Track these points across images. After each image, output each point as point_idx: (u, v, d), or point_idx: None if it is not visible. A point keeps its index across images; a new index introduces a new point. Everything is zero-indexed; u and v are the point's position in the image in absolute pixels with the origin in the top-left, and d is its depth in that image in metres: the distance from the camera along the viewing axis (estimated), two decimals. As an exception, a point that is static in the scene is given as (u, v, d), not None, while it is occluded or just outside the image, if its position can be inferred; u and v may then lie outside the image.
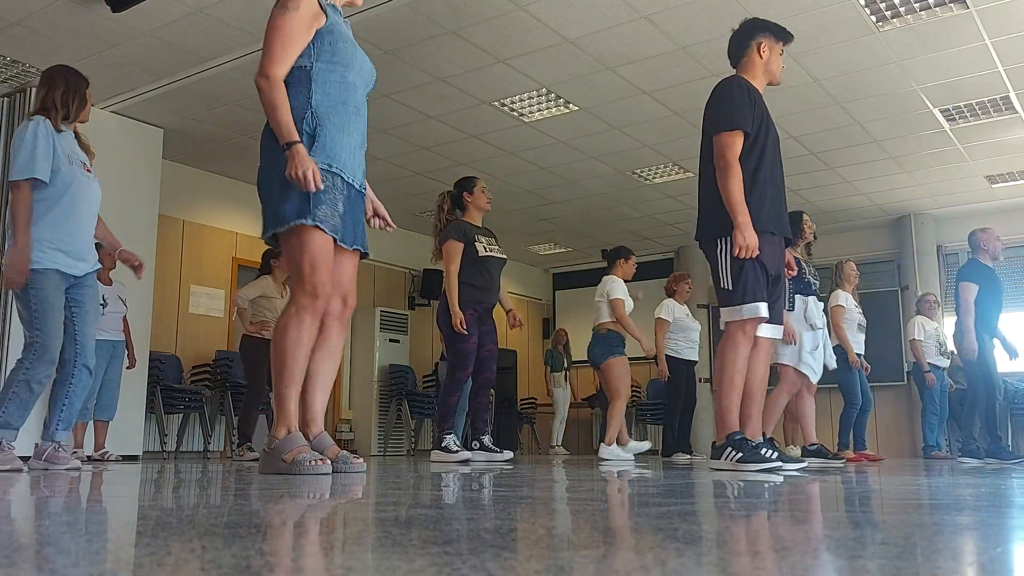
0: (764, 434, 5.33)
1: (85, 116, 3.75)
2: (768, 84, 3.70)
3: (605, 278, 6.37)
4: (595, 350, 6.22)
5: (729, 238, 3.42)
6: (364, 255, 3.00)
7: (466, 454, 5.11)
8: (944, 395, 7.72)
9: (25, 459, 3.56)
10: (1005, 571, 0.86)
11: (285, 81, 2.74)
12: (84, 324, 3.65)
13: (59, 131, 3.61)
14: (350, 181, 2.83)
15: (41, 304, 3.48)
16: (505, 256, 5.43)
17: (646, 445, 6.53)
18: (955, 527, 1.20)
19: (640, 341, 6.16)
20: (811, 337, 5.30)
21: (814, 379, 5.31)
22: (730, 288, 3.44)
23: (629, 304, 6.26)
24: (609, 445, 6.05)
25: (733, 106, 3.47)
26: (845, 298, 6.44)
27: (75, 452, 5.79)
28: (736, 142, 3.43)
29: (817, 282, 5.54)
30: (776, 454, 3.50)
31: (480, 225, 5.37)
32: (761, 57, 3.63)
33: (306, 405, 2.90)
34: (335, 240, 2.80)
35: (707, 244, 3.54)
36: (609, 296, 6.18)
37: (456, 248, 5.14)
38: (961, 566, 0.85)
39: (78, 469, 3.50)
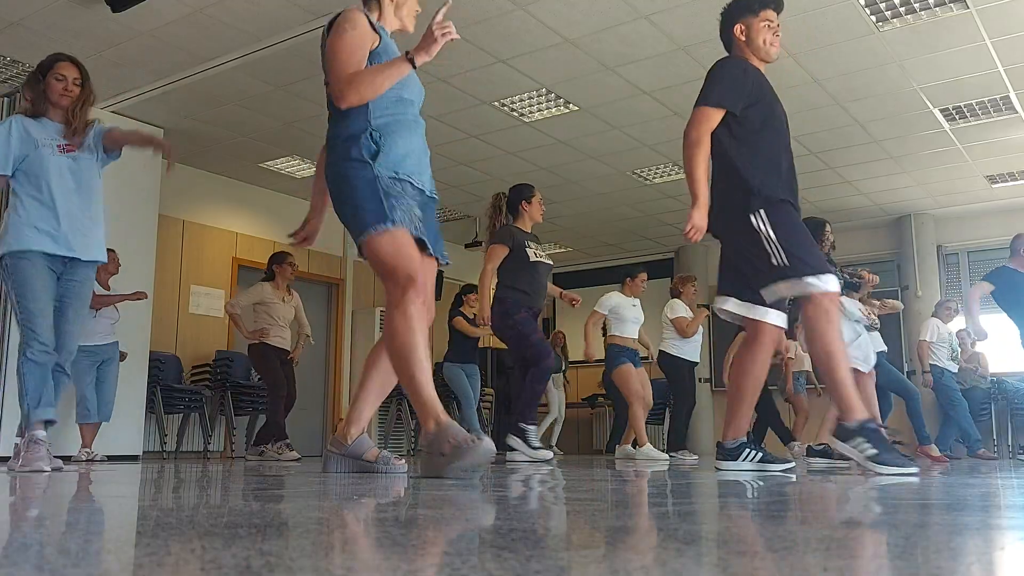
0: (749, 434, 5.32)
1: (55, 98, 3.64)
2: (764, 63, 3.50)
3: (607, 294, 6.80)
4: (606, 360, 6.64)
5: (763, 211, 3.18)
6: (443, 267, 2.94)
7: (547, 454, 5.15)
8: (958, 394, 7.71)
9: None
10: (1005, 572, 0.85)
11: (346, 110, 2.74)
12: (63, 321, 3.60)
13: (38, 117, 3.63)
14: (419, 186, 2.83)
15: (19, 287, 3.48)
16: (551, 262, 5.54)
17: (663, 457, 6.59)
18: (956, 527, 1.20)
19: (586, 346, 6.43)
20: (849, 328, 5.21)
21: (866, 368, 5.22)
22: (786, 263, 3.12)
23: (635, 315, 6.65)
24: (622, 446, 6.68)
25: (723, 84, 3.34)
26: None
27: (86, 451, 5.81)
28: (713, 118, 3.30)
29: (843, 279, 5.42)
30: (759, 455, 3.40)
31: (529, 232, 5.45)
32: (741, 39, 3.49)
33: (355, 405, 2.90)
34: (420, 245, 2.77)
35: (737, 225, 3.25)
36: (596, 309, 6.66)
37: (500, 251, 5.22)
38: (961, 566, 0.85)
39: (47, 472, 3.47)
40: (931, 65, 6.08)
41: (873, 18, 5.42)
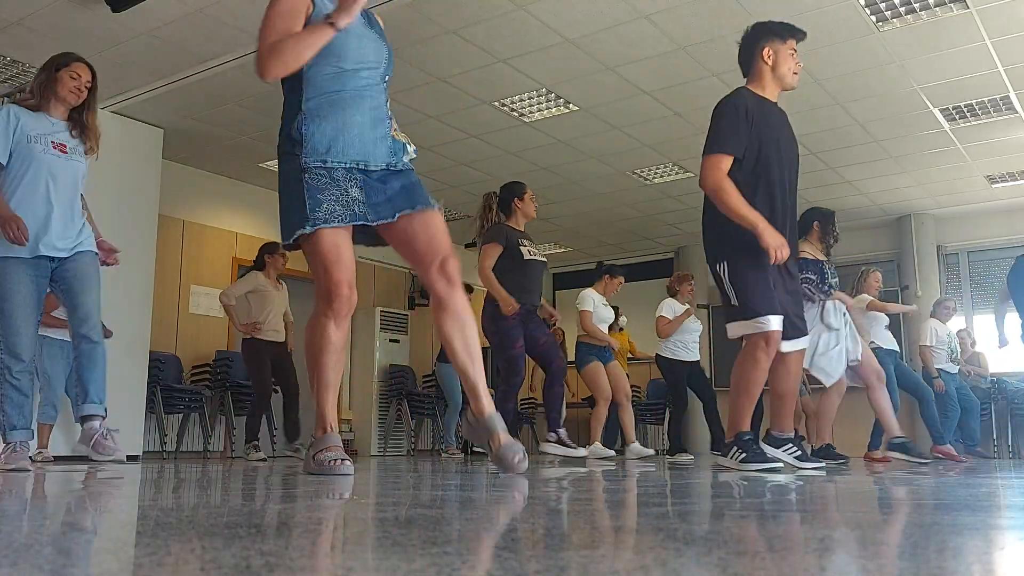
0: (796, 431, 5.34)
1: (64, 94, 3.62)
2: (782, 90, 3.58)
3: (581, 292, 6.86)
4: (576, 359, 6.70)
5: (728, 262, 3.39)
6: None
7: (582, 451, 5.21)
8: (956, 397, 7.67)
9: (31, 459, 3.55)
10: (1005, 572, 0.85)
11: (283, 84, 2.73)
12: (73, 295, 3.55)
13: (36, 111, 3.60)
14: (360, 167, 2.71)
15: (2, 291, 3.42)
16: (545, 259, 5.46)
17: (648, 452, 6.65)
18: (956, 527, 1.20)
19: (610, 344, 6.66)
20: (825, 339, 5.25)
21: (828, 382, 5.24)
22: (737, 304, 3.39)
23: (604, 315, 6.74)
24: (591, 444, 6.59)
25: (728, 128, 3.38)
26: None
27: (40, 452, 5.69)
28: (723, 164, 3.35)
29: (836, 280, 5.43)
30: (798, 451, 3.55)
31: (522, 230, 5.38)
32: (767, 63, 3.51)
33: (464, 381, 2.80)
34: (373, 223, 2.69)
35: (712, 265, 3.52)
36: (577, 308, 6.71)
37: (494, 250, 5.14)
38: (961, 566, 0.85)
39: (122, 462, 3.44)
40: (931, 65, 6.08)
41: (873, 18, 5.42)
